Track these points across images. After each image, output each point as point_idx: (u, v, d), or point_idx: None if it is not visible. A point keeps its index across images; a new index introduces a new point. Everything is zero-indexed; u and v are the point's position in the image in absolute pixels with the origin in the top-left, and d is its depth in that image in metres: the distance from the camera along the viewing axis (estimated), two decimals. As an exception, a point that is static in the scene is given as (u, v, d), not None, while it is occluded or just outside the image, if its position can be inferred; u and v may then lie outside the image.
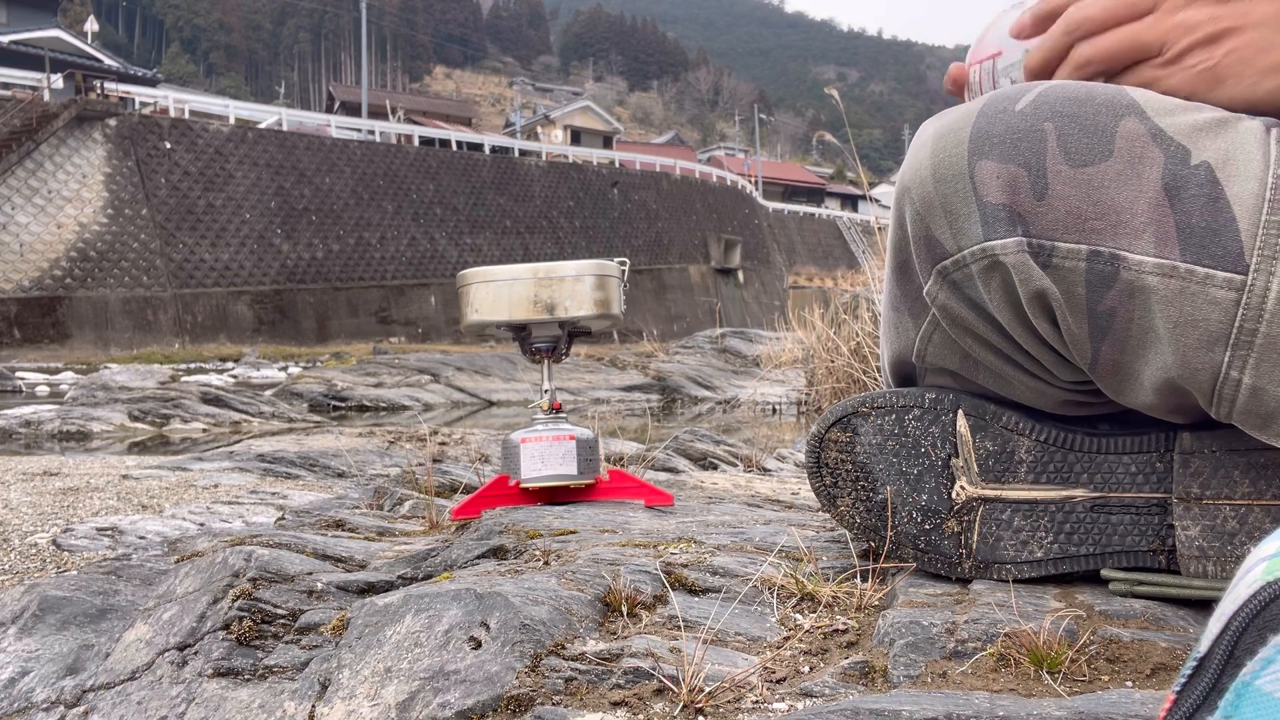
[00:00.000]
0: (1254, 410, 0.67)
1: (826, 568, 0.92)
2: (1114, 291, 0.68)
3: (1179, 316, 0.66)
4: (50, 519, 2.23)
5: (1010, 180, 0.69)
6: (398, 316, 27.37)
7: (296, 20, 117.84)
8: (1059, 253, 0.68)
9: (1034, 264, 0.69)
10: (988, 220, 0.71)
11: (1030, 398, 0.81)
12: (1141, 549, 0.79)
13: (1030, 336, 0.74)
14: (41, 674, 0.94)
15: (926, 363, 0.85)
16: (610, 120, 58.11)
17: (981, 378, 0.82)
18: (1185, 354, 0.67)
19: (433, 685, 0.72)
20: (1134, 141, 0.67)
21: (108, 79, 26.68)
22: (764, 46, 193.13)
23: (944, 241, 0.74)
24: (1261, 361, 0.65)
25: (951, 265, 0.74)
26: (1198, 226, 0.65)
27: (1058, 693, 0.63)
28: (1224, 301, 0.64)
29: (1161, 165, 0.66)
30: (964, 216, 0.72)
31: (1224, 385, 0.67)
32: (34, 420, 5.64)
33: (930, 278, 0.77)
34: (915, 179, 0.75)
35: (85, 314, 21.79)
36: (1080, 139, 0.68)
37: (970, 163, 0.71)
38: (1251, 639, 0.28)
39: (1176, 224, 0.65)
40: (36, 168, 21.99)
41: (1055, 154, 0.68)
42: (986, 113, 0.72)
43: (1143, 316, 0.68)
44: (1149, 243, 0.66)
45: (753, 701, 0.66)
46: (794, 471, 2.39)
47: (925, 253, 0.76)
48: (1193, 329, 0.66)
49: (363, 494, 1.91)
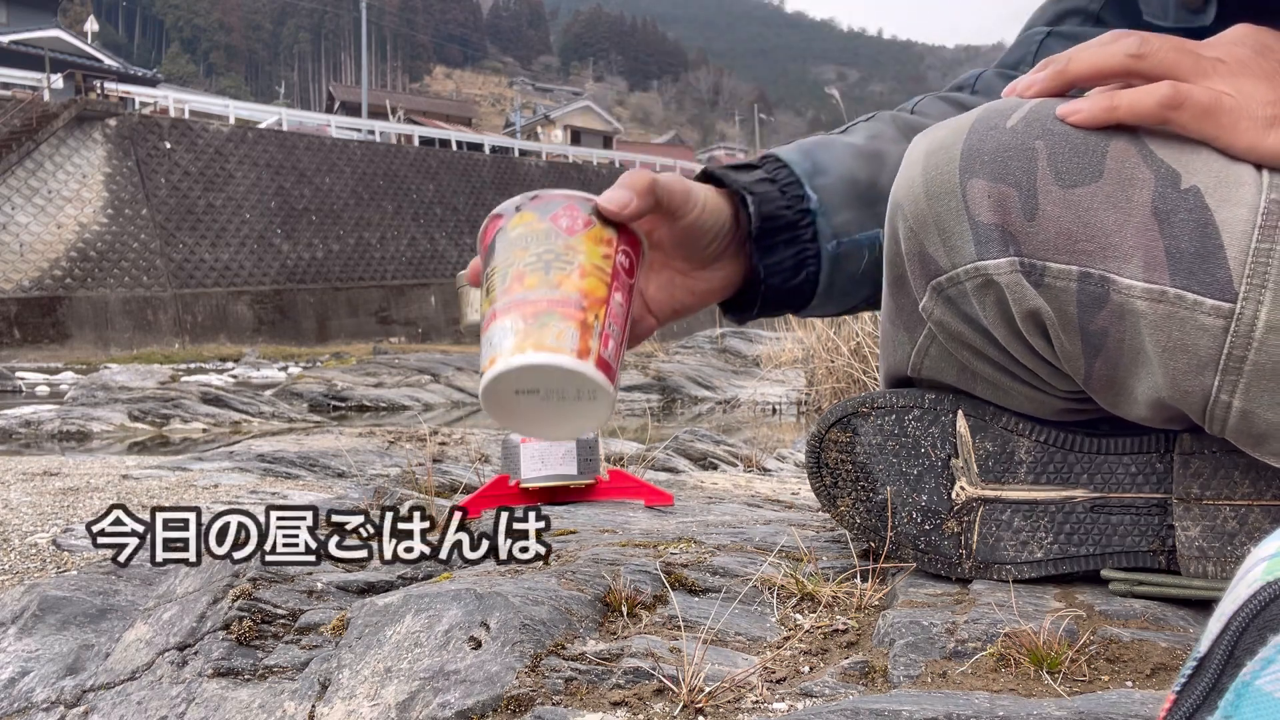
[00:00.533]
0: (1246, 431, 0.67)
1: (826, 568, 0.92)
2: (1105, 312, 0.67)
3: (1168, 341, 0.65)
4: (50, 519, 2.24)
5: (1001, 200, 0.69)
6: (398, 316, 27.37)
7: (296, 20, 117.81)
8: (1050, 273, 0.68)
9: (1027, 283, 0.69)
10: (980, 240, 0.70)
11: (1030, 407, 0.81)
12: (1141, 549, 0.79)
13: (1026, 351, 0.74)
14: (41, 674, 0.94)
15: (923, 376, 0.84)
16: (610, 120, 58.12)
17: (979, 390, 0.82)
18: (1175, 377, 0.67)
19: (433, 685, 0.72)
20: (1124, 162, 0.66)
21: (108, 79, 26.69)
22: (764, 46, 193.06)
23: (938, 259, 0.74)
24: (1251, 387, 0.64)
25: (946, 282, 0.74)
26: (1187, 252, 0.64)
27: (1058, 693, 0.63)
28: (1213, 328, 0.64)
29: (1152, 188, 0.65)
30: (957, 235, 0.72)
31: (1215, 407, 0.67)
32: (34, 420, 5.63)
33: (925, 294, 0.76)
34: (908, 196, 0.75)
35: (85, 314, 21.79)
36: (1071, 159, 0.67)
37: (962, 181, 0.70)
38: (1251, 639, 0.28)
39: (1166, 248, 0.64)
40: (36, 168, 21.99)
41: (1046, 174, 0.68)
42: (978, 129, 0.71)
43: (1133, 338, 0.67)
44: (1138, 267, 0.65)
45: (753, 701, 0.66)
46: (794, 471, 2.39)
47: (920, 269, 0.76)
48: (1182, 353, 0.65)
49: (363, 494, 1.91)
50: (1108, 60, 0.68)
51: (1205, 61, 0.66)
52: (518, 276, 0.65)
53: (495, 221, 0.70)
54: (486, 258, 0.69)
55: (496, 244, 0.68)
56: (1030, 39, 1.05)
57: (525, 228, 0.67)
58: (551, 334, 0.62)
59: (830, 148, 0.91)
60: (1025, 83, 0.73)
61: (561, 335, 0.62)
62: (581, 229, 0.67)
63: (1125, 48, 0.67)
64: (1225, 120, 0.64)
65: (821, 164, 0.89)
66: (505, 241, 0.67)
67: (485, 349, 0.64)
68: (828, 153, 0.90)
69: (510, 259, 0.66)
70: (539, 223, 0.67)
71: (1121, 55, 0.67)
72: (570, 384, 0.63)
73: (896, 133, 0.96)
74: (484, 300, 0.67)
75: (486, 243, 0.70)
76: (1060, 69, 0.70)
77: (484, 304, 0.67)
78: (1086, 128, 0.68)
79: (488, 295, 0.67)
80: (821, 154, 0.90)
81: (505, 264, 0.66)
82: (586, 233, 0.67)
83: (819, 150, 0.90)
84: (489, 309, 0.66)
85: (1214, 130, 0.65)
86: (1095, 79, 0.70)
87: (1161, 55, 0.66)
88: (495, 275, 0.66)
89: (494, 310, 0.65)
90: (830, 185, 0.87)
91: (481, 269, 0.71)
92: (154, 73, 42.64)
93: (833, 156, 0.90)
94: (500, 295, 0.65)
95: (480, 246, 0.72)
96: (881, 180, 0.89)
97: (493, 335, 0.64)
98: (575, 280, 0.64)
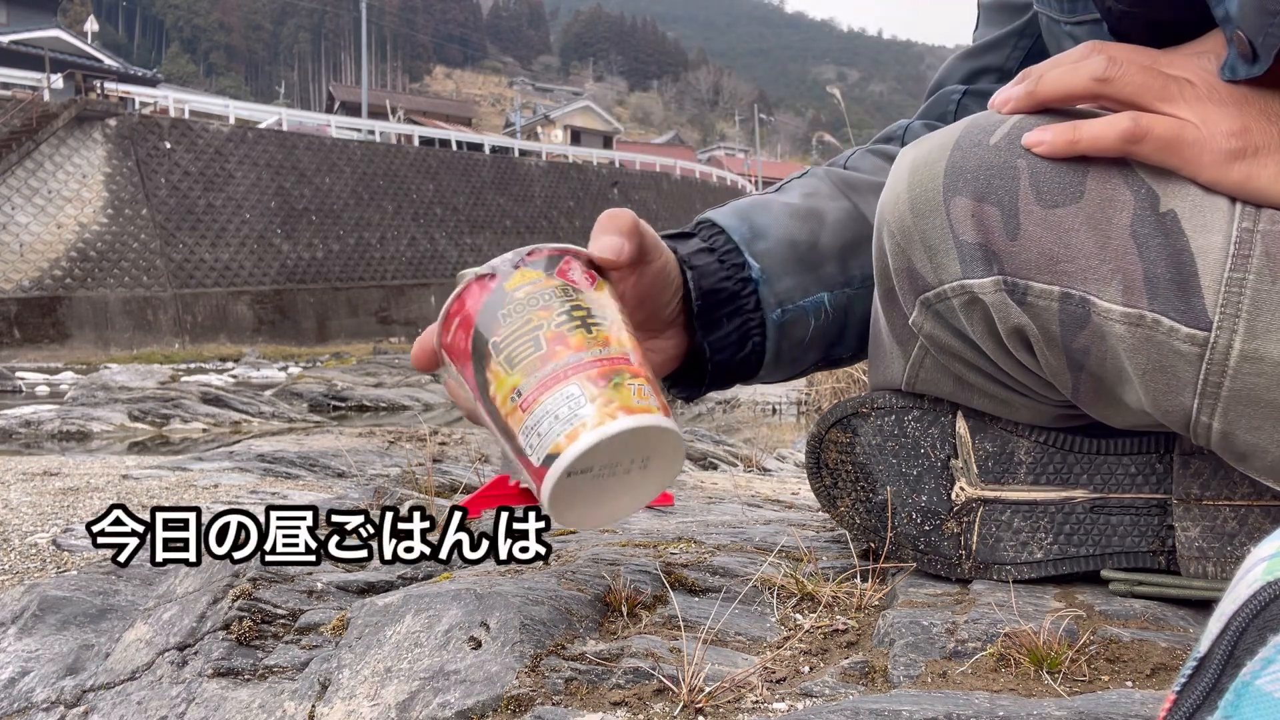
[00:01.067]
0: (1228, 449, 0.68)
1: (826, 568, 0.92)
2: (1086, 332, 0.67)
3: (1147, 363, 0.65)
4: (50, 519, 2.24)
5: (983, 219, 0.69)
6: (398, 316, 27.37)
7: (296, 20, 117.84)
8: (1033, 292, 0.68)
9: (1011, 302, 0.69)
10: (964, 258, 0.70)
11: (1027, 416, 0.81)
12: (1141, 550, 0.79)
13: (1015, 365, 0.74)
14: (41, 674, 0.94)
15: (918, 390, 0.84)
16: (610, 120, 58.13)
17: (976, 402, 0.82)
18: (1156, 396, 0.67)
19: (433, 685, 0.72)
20: (1105, 182, 0.66)
21: (108, 79, 26.70)
22: (764, 46, 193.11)
23: (925, 275, 0.74)
24: (1229, 411, 0.64)
25: (934, 298, 0.74)
26: (1163, 277, 0.64)
27: (1058, 693, 0.63)
28: (1189, 354, 0.64)
29: (1131, 210, 0.65)
30: (942, 252, 0.72)
31: (1196, 425, 0.67)
32: (34, 420, 5.64)
33: (915, 308, 0.76)
34: (894, 211, 0.74)
35: (85, 314, 21.79)
36: (1052, 178, 0.67)
37: (945, 198, 0.70)
38: (1251, 639, 0.28)
39: (1144, 272, 0.64)
40: (36, 168, 22.00)
41: (1027, 193, 0.67)
42: (962, 145, 0.70)
43: (1114, 359, 0.67)
44: (1116, 290, 0.65)
45: (753, 701, 0.66)
46: (794, 471, 2.39)
47: (908, 284, 0.76)
48: (1161, 374, 0.65)
49: (363, 494, 1.91)
50: (1074, 85, 0.67)
51: (1173, 84, 0.65)
52: (556, 339, 0.56)
53: (484, 283, 0.61)
54: (479, 324, 0.59)
55: (499, 307, 0.59)
56: (947, 97, 1.04)
57: (533, 286, 0.59)
58: (632, 394, 0.54)
59: (767, 209, 0.89)
60: (1002, 99, 0.72)
61: (642, 394, 0.55)
62: (591, 283, 0.61)
63: (1091, 70, 0.66)
64: (1188, 154, 0.63)
65: (760, 228, 0.86)
66: (513, 303, 0.58)
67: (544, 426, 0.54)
68: (765, 215, 0.88)
69: (529, 321, 0.57)
70: (549, 279, 0.60)
71: (1087, 79, 0.66)
72: (639, 451, 0.56)
73: (832, 189, 0.94)
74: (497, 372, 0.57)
75: (473, 306, 0.60)
76: (1031, 90, 0.69)
77: (500, 376, 0.57)
78: (1050, 159, 0.67)
79: (509, 366, 0.57)
80: (759, 217, 0.87)
81: (527, 327, 0.57)
82: (599, 285, 0.61)
83: (755, 213, 0.88)
84: (520, 381, 0.56)
85: (1177, 163, 0.64)
86: (1064, 102, 0.69)
87: (1128, 79, 0.65)
88: (515, 342, 0.57)
89: (540, 380, 0.55)
90: (770, 250, 0.85)
91: (467, 340, 0.60)
92: (154, 73, 42.67)
93: (770, 219, 0.87)
94: (540, 362, 0.56)
95: (457, 311, 0.61)
96: (821, 240, 0.87)
97: (552, 407, 0.54)
98: (619, 335, 0.58)
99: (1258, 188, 0.62)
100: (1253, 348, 0.62)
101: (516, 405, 0.56)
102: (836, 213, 0.90)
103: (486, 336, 0.58)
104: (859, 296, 0.91)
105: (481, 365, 0.59)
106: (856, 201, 0.93)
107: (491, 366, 0.58)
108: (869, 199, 0.91)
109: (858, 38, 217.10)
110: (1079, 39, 0.83)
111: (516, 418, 0.57)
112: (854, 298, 0.91)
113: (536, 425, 0.55)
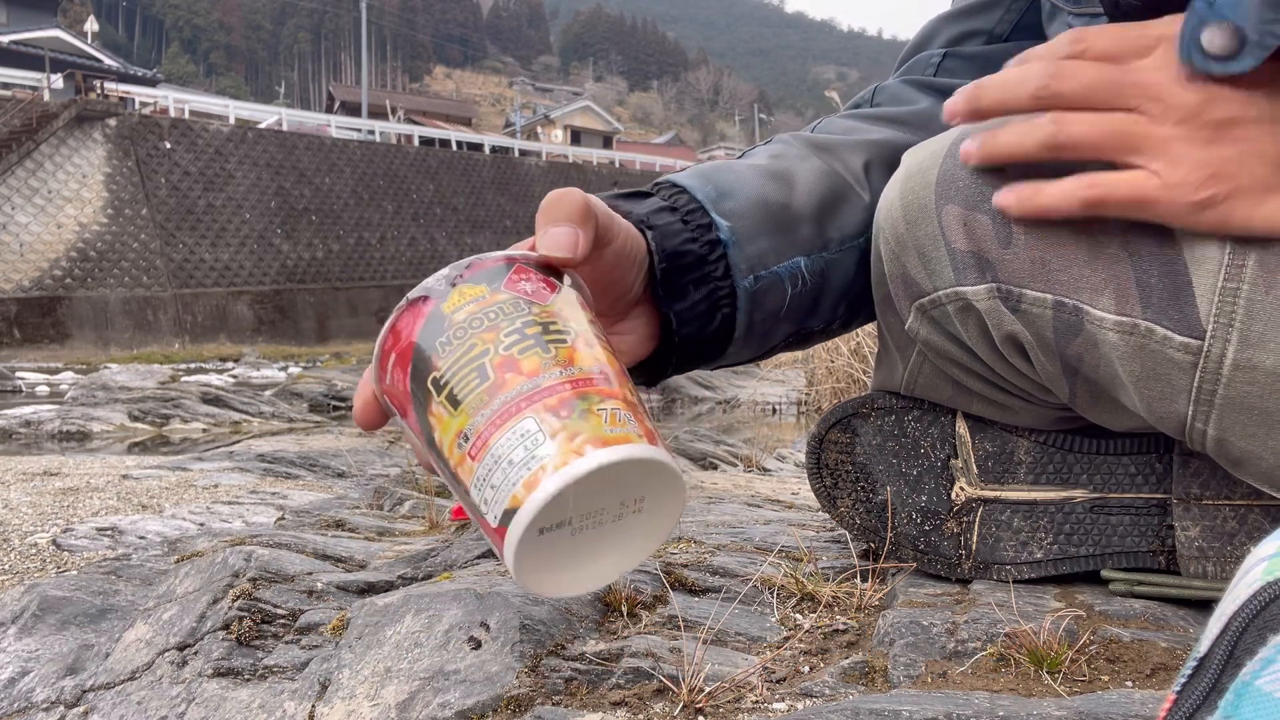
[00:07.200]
0: (1223, 455, 0.67)
1: (826, 568, 0.92)
2: (1079, 340, 0.67)
3: (1141, 371, 0.65)
4: (50, 519, 2.24)
5: (975, 227, 0.68)
6: (398, 316, 27.33)
7: (296, 20, 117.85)
8: (1027, 300, 0.68)
9: (1005, 309, 0.69)
10: (957, 266, 0.70)
11: (1026, 420, 0.81)
12: (1141, 549, 0.79)
13: (1011, 370, 0.75)
14: (41, 674, 0.94)
15: (916, 395, 0.84)
16: (610, 120, 58.15)
17: (975, 407, 0.82)
18: (1150, 403, 0.67)
19: (433, 685, 0.72)
20: None
21: (108, 79, 26.71)
22: (764, 46, 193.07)
23: (920, 281, 0.74)
24: (1223, 418, 0.64)
25: (929, 304, 0.74)
26: (1156, 286, 0.63)
27: (1058, 693, 0.63)
28: (1182, 362, 0.63)
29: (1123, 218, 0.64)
30: (935, 260, 0.72)
31: (1191, 431, 0.67)
32: (34, 420, 5.64)
33: (911, 314, 0.76)
34: (888, 219, 0.74)
35: (85, 314, 21.79)
36: None
37: (938, 206, 0.70)
38: (1251, 639, 0.28)
39: (1136, 281, 0.64)
40: (36, 168, 21.99)
41: None
42: (954, 153, 0.70)
43: (1108, 366, 0.67)
44: (1110, 299, 0.65)
45: (753, 701, 0.66)
46: (794, 471, 2.39)
47: (903, 290, 0.76)
48: (1155, 381, 0.65)
49: (363, 494, 1.91)
50: (1014, 100, 0.63)
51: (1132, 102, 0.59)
52: (506, 364, 0.46)
53: (417, 308, 0.50)
54: (415, 359, 0.49)
55: (437, 335, 0.48)
56: (926, 60, 0.98)
57: (476, 305, 0.49)
58: (604, 421, 0.44)
59: (732, 170, 0.80)
60: (949, 112, 0.67)
61: (616, 419, 0.45)
62: (549, 289, 0.51)
63: (1031, 89, 0.62)
64: (1154, 210, 0.60)
65: (726, 186, 0.77)
66: (453, 328, 0.48)
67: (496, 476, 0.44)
68: (730, 175, 0.79)
69: (474, 347, 0.47)
70: (495, 294, 0.49)
71: (1027, 97, 0.62)
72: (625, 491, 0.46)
73: (802, 149, 0.85)
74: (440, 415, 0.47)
75: (408, 339, 0.50)
76: (974, 103, 0.65)
77: (443, 420, 0.47)
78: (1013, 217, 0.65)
79: (452, 405, 0.46)
80: (723, 176, 0.78)
81: (469, 356, 0.47)
82: (559, 294, 0.51)
83: (719, 174, 0.79)
84: (465, 422, 0.45)
85: (1144, 217, 0.61)
86: (1004, 113, 0.64)
87: (1073, 97, 0.60)
88: (458, 375, 0.46)
89: (489, 417, 0.45)
90: (740, 209, 0.76)
91: (404, 379, 0.49)
92: (154, 73, 42.65)
93: (736, 178, 0.78)
94: (487, 395, 0.45)
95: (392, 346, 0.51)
96: (795, 200, 0.79)
97: (505, 450, 0.44)
98: (586, 348, 0.48)
99: (1231, 231, 0.60)
100: (1246, 357, 0.62)
101: (465, 452, 0.46)
102: (808, 172, 0.82)
103: (425, 372, 0.48)
104: (836, 261, 0.82)
105: (423, 408, 0.48)
106: (828, 160, 0.85)
107: (432, 408, 0.47)
108: (842, 155, 0.85)
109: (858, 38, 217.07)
110: None
111: (466, 468, 0.46)
112: (831, 262, 0.82)
113: (488, 476, 0.44)
